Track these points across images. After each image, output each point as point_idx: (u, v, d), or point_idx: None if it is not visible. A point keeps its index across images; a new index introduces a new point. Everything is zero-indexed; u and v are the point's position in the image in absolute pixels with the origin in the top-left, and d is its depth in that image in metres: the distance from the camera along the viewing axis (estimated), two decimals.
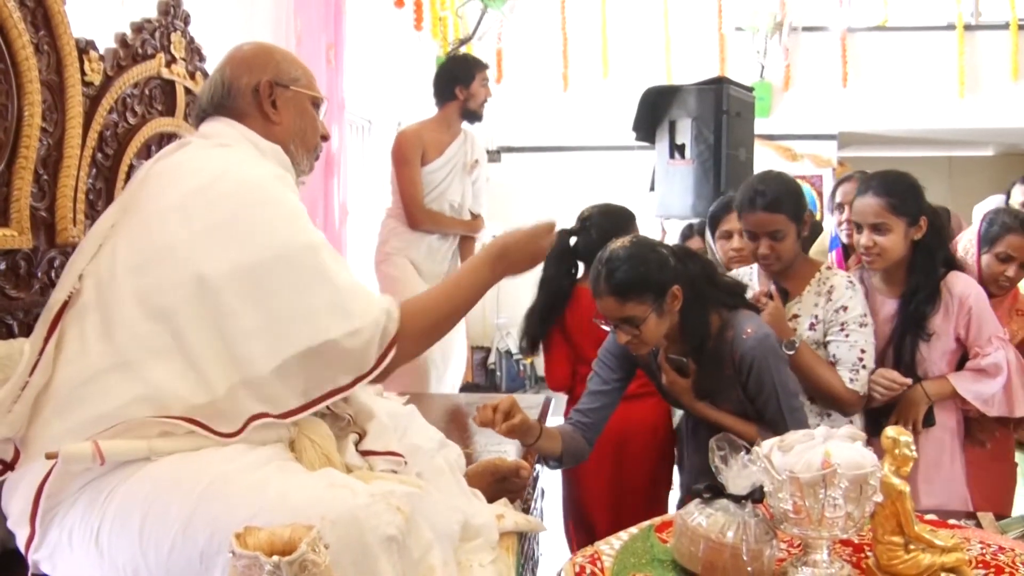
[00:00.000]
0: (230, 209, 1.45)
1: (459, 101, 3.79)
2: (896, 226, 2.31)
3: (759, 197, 2.29)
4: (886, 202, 2.32)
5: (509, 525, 1.70)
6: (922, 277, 2.35)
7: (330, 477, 1.33)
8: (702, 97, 4.50)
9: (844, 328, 2.27)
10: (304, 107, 1.69)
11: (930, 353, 2.36)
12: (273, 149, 1.62)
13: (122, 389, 1.36)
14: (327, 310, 1.42)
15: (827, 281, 2.33)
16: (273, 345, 1.39)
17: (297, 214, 1.50)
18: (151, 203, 1.49)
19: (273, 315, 1.39)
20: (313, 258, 1.44)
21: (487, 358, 7.79)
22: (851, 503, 1.37)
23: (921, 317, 2.34)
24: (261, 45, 1.72)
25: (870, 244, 2.33)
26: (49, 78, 1.81)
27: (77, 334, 1.41)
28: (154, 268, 1.42)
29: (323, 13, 3.66)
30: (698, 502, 1.47)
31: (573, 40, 7.36)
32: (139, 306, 1.40)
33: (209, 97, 1.65)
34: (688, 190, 4.62)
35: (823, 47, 7.13)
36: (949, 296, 2.35)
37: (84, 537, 1.31)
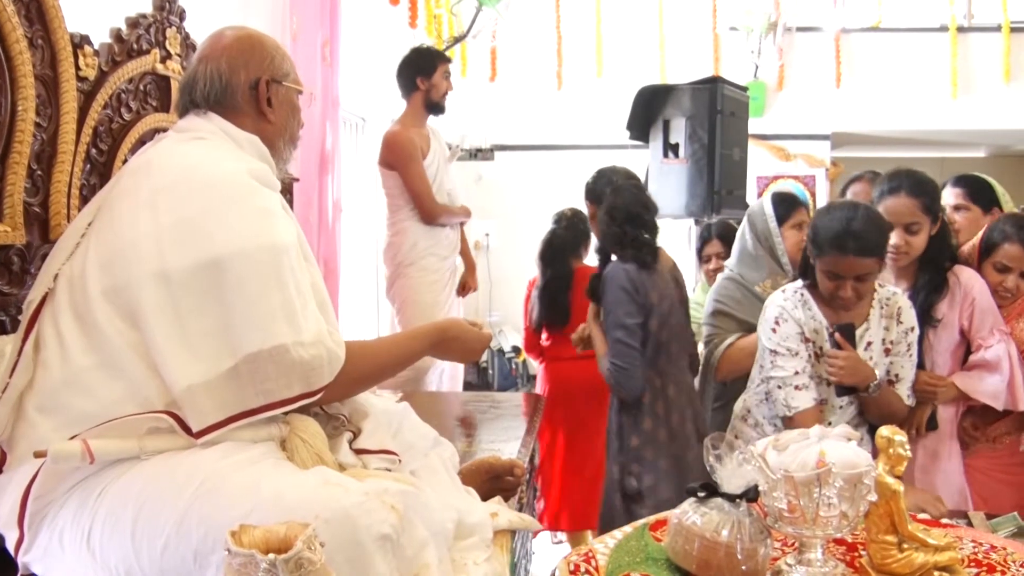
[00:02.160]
0: (197, 205, 1.41)
1: (421, 92, 3.83)
2: (925, 225, 2.38)
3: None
4: (920, 203, 2.36)
5: (503, 523, 1.70)
6: (933, 269, 2.42)
7: (324, 475, 1.32)
8: (696, 96, 4.51)
9: (910, 348, 2.30)
10: (293, 102, 1.68)
11: (937, 342, 2.42)
12: (250, 140, 1.58)
13: (105, 387, 1.34)
14: (281, 315, 1.37)
15: (890, 302, 2.30)
16: (228, 345, 1.35)
17: (265, 213, 1.45)
18: (122, 201, 1.47)
19: (229, 315, 1.36)
20: (273, 260, 1.40)
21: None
22: (845, 502, 1.37)
23: (929, 305, 2.40)
24: (249, 34, 1.66)
25: (901, 243, 2.38)
26: (43, 73, 1.81)
27: (54, 333, 1.40)
28: (120, 266, 1.40)
29: (318, 10, 3.64)
30: (693, 501, 1.47)
31: (567, 39, 7.35)
32: (109, 304, 1.38)
33: (204, 92, 1.59)
34: (682, 189, 4.62)
35: (817, 47, 7.14)
36: (956, 285, 2.41)
37: (75, 538, 1.30)
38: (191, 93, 1.61)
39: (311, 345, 1.38)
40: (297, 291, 1.41)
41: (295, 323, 1.38)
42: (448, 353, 1.74)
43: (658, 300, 2.80)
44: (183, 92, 1.63)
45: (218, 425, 1.34)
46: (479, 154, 7.75)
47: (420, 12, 5.74)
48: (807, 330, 2.28)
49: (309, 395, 1.40)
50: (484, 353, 1.77)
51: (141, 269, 1.37)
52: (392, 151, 3.77)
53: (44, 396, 1.36)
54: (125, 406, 1.34)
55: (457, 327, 1.72)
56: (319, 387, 1.41)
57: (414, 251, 3.82)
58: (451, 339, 1.69)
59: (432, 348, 1.68)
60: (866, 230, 2.14)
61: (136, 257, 1.38)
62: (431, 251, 3.84)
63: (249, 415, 1.36)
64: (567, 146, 7.45)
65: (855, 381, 2.22)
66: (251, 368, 1.35)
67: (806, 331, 2.28)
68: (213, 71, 1.60)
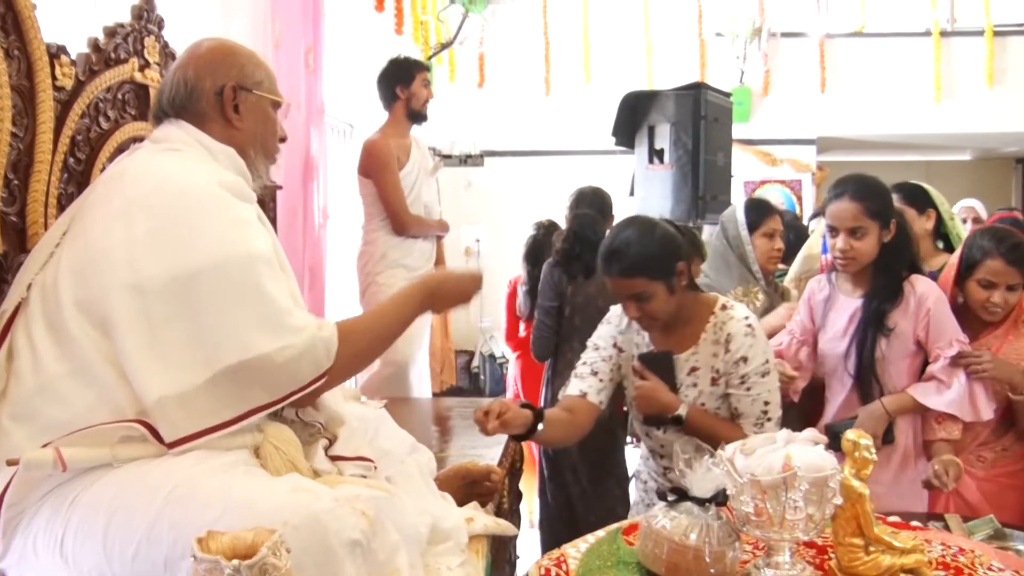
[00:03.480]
0: (170, 216, 1.42)
1: (402, 101, 3.85)
2: (871, 230, 2.36)
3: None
4: (863, 207, 2.35)
5: (479, 528, 1.72)
6: (887, 277, 2.40)
7: (294, 482, 1.33)
8: (680, 102, 4.54)
9: (745, 381, 2.12)
10: (266, 112, 1.67)
11: (890, 351, 2.39)
12: (224, 151, 1.59)
13: (78, 395, 1.35)
14: (257, 325, 1.38)
15: (723, 327, 2.14)
16: (203, 357, 1.36)
17: (239, 223, 1.46)
18: (95, 210, 1.48)
19: (203, 327, 1.37)
20: (248, 270, 1.40)
21: (471, 362, 7.78)
22: (812, 505, 1.39)
23: (882, 313, 2.38)
24: (223, 44, 1.68)
25: (847, 248, 2.37)
26: (19, 83, 1.81)
27: (27, 343, 1.40)
28: (93, 275, 1.40)
29: (301, 17, 3.65)
30: (663, 505, 1.48)
31: (555, 45, 7.38)
32: (82, 313, 1.39)
33: (170, 98, 1.61)
34: (667, 195, 4.65)
35: (802, 53, 7.18)
36: (911, 294, 2.39)
37: (48, 545, 1.31)
38: (160, 100, 1.63)
39: (302, 344, 1.40)
40: (280, 296, 1.42)
41: (279, 328, 1.39)
42: (442, 303, 1.75)
43: (572, 294, 3.48)
44: (155, 100, 1.65)
45: (191, 437, 1.35)
46: (468, 160, 7.76)
47: (406, 19, 5.76)
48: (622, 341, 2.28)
49: (301, 390, 1.43)
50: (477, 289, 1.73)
51: (113, 279, 1.38)
52: (368, 159, 3.79)
53: (18, 405, 1.37)
54: (97, 414, 1.35)
55: (440, 276, 1.73)
56: (311, 379, 1.43)
57: (383, 261, 3.82)
58: (438, 287, 1.70)
59: (423, 305, 1.68)
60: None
61: (109, 267, 1.39)
62: (400, 262, 3.82)
63: (226, 425, 1.37)
64: (556, 152, 7.47)
65: (651, 410, 2.15)
66: (233, 379, 1.36)
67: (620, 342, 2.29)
68: (180, 78, 1.61)
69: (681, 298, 2.13)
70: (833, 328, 2.50)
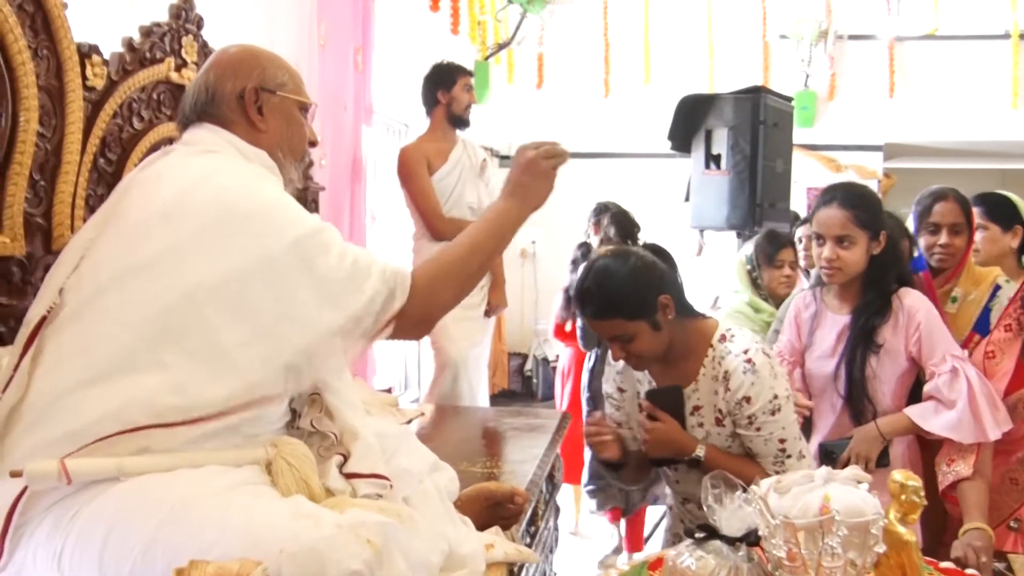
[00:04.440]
0: (211, 215, 1.40)
1: (442, 105, 3.81)
2: (860, 239, 2.26)
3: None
4: (852, 215, 2.25)
5: (499, 555, 1.64)
6: (875, 292, 2.29)
7: (296, 506, 1.27)
8: (739, 106, 4.40)
9: (753, 422, 1.93)
10: (291, 113, 1.64)
11: (880, 369, 2.27)
12: (258, 154, 1.57)
13: (93, 406, 1.31)
14: (316, 306, 1.40)
15: (721, 363, 1.96)
16: (268, 351, 1.37)
17: (281, 208, 1.45)
18: (132, 214, 1.44)
19: (261, 323, 1.37)
20: (296, 257, 1.40)
21: (524, 365, 7.73)
22: (853, 550, 1.28)
23: (871, 329, 2.26)
24: (247, 48, 1.66)
25: (833, 257, 2.26)
26: (48, 83, 1.79)
27: (54, 349, 1.37)
28: (136, 280, 1.37)
29: (349, 17, 3.62)
30: (689, 542, 1.39)
31: (615, 46, 7.27)
32: (120, 320, 1.35)
33: (192, 103, 1.59)
34: (723, 201, 4.52)
35: (870, 56, 6.97)
36: (899, 308, 2.27)
37: (47, 558, 1.27)
38: (184, 106, 1.62)
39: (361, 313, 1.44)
40: (329, 270, 1.42)
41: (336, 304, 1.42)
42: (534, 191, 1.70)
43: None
44: (180, 105, 1.63)
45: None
46: None
47: (463, 18, 5.71)
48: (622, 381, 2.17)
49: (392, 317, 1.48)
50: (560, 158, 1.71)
51: (160, 284, 1.35)
52: (399, 167, 3.77)
53: (33, 413, 1.34)
54: (109, 426, 1.31)
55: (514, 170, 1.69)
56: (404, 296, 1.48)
57: None
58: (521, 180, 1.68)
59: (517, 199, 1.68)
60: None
61: (153, 272, 1.36)
62: None
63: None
64: (614, 154, 7.38)
65: (666, 453, 2.01)
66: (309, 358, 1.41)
67: (620, 382, 2.18)
68: (202, 83, 1.60)
69: (673, 331, 1.96)
70: (821, 347, 2.38)
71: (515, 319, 7.33)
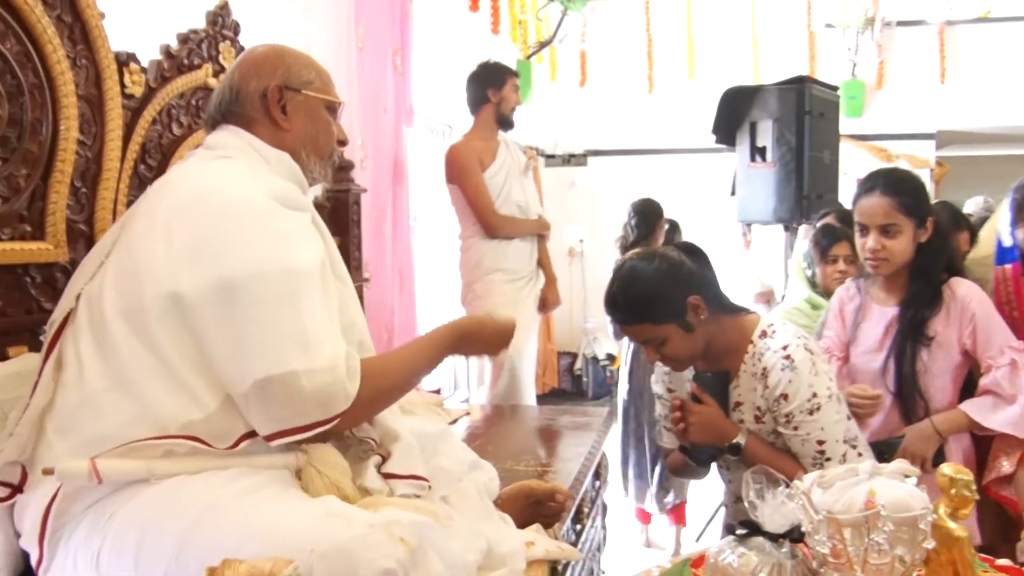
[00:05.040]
0: (211, 227, 1.38)
1: (492, 104, 3.78)
2: (906, 228, 2.15)
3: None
4: (897, 201, 2.14)
5: (539, 553, 1.62)
6: (924, 282, 2.18)
7: (327, 506, 1.26)
8: (783, 97, 4.33)
9: (791, 420, 1.87)
10: (317, 112, 1.62)
11: (932, 363, 2.16)
12: (279, 157, 1.55)
13: (118, 409, 1.33)
14: (292, 340, 1.33)
15: (760, 359, 1.91)
16: (241, 370, 1.32)
17: (282, 235, 1.40)
18: (141, 220, 1.45)
19: (242, 339, 1.32)
20: (288, 284, 1.35)
21: (573, 364, 7.70)
22: (901, 547, 1.24)
23: (920, 321, 2.16)
24: (274, 47, 1.64)
25: (877, 247, 2.16)
26: (88, 92, 1.82)
27: (74, 354, 1.39)
28: (135, 286, 1.37)
29: (387, 19, 3.64)
30: (731, 539, 1.36)
31: (658, 41, 7.21)
32: (125, 325, 1.36)
33: (218, 102, 1.59)
34: (770, 194, 4.45)
35: (919, 42, 6.80)
36: (952, 299, 2.16)
37: (87, 560, 1.29)
38: (209, 107, 1.62)
39: (325, 372, 1.33)
40: (312, 316, 1.36)
41: (308, 349, 1.33)
42: (470, 350, 1.66)
43: None
44: (208, 106, 1.63)
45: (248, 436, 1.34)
46: (572, 160, 7.69)
47: (503, 18, 5.70)
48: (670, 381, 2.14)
49: (324, 423, 1.35)
50: (509, 341, 1.66)
51: (155, 291, 1.35)
52: (450, 165, 3.74)
53: (62, 417, 1.36)
54: (137, 428, 1.32)
55: (475, 323, 1.65)
56: (334, 415, 1.35)
57: (479, 269, 3.76)
58: (468, 335, 1.62)
59: (450, 350, 1.60)
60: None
61: (150, 278, 1.36)
62: (497, 267, 3.75)
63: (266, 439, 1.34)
64: (660, 150, 7.33)
65: (707, 438, 1.96)
66: (260, 395, 1.31)
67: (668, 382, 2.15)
68: (227, 83, 1.59)
69: (709, 330, 1.92)
70: (867, 341, 2.27)
71: (564, 318, 7.31)
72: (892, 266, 2.18)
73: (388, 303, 3.75)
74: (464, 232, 3.83)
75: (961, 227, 3.39)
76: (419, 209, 4.56)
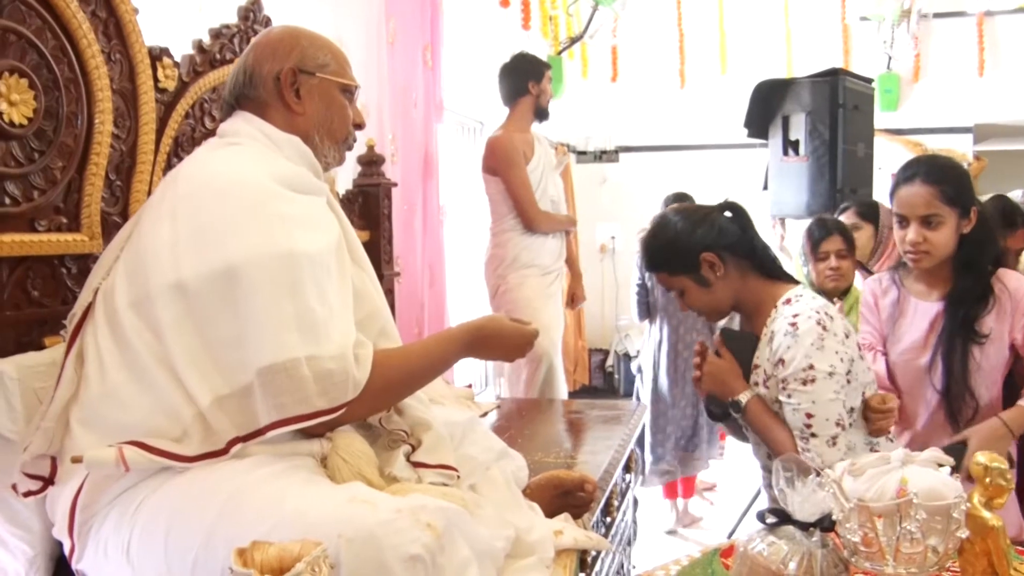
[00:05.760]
0: (213, 214, 1.37)
1: (532, 96, 3.78)
2: (948, 218, 2.05)
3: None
4: (938, 191, 2.04)
5: (568, 542, 1.62)
6: (972, 276, 2.07)
7: (353, 491, 1.26)
8: (816, 90, 4.29)
9: (785, 387, 1.89)
10: (332, 95, 1.59)
11: (984, 360, 2.07)
12: (290, 141, 1.53)
13: (137, 400, 1.34)
14: (293, 325, 1.31)
15: (773, 323, 1.94)
16: (244, 358, 1.31)
17: (285, 218, 1.39)
18: (149, 211, 1.46)
19: (244, 325, 1.31)
20: (288, 268, 1.34)
21: (605, 361, 7.68)
22: (934, 536, 1.23)
23: (973, 318, 2.05)
24: (289, 29, 1.62)
25: (919, 239, 2.06)
26: (122, 86, 1.85)
27: (93, 347, 1.40)
28: (142, 276, 1.38)
29: (418, 15, 3.65)
30: (761, 528, 1.34)
31: (690, 35, 7.16)
32: (136, 316, 1.37)
33: (232, 86, 1.58)
34: (803, 188, 4.42)
35: (957, 33, 6.68)
36: (1003, 292, 2.06)
37: (117, 549, 1.30)
38: (224, 92, 1.61)
39: (331, 359, 1.32)
40: (321, 300, 1.35)
41: (313, 335, 1.32)
42: (486, 353, 1.64)
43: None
44: (223, 89, 1.63)
45: (237, 440, 1.32)
46: (604, 156, 7.67)
47: (533, 13, 5.70)
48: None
49: (329, 411, 1.34)
50: (527, 351, 1.64)
51: (159, 280, 1.35)
52: (495, 156, 3.72)
53: (85, 409, 1.37)
54: (156, 419, 1.33)
55: (494, 324, 1.61)
56: (340, 404, 1.34)
57: (516, 263, 3.74)
58: (488, 338, 1.58)
59: (467, 349, 1.57)
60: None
61: (156, 268, 1.36)
62: (532, 263, 3.75)
63: (261, 432, 1.32)
64: (692, 146, 7.29)
65: (715, 389, 2.00)
66: (264, 382, 1.30)
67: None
68: (241, 65, 1.58)
69: (734, 287, 1.98)
70: (909, 337, 2.17)
71: (595, 315, 7.29)
72: (934, 259, 2.09)
73: (418, 296, 3.76)
74: (499, 225, 3.81)
75: (1017, 224, 3.29)
76: (449, 204, 4.57)
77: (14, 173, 1.59)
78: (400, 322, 2.44)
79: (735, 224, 2.00)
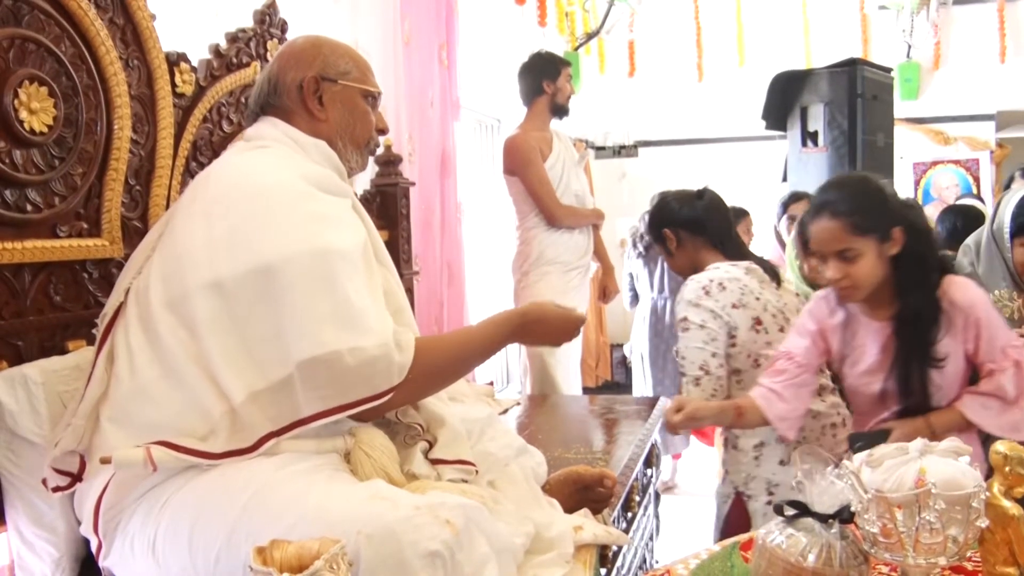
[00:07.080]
0: (247, 214, 1.40)
1: (547, 95, 3.78)
2: (865, 248, 1.92)
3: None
4: (848, 223, 1.92)
5: (588, 537, 1.62)
6: (917, 296, 1.95)
7: (374, 489, 1.28)
8: (834, 81, 4.27)
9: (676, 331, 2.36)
10: (354, 102, 1.63)
11: (943, 379, 1.96)
12: (316, 144, 1.57)
13: (168, 398, 1.36)
14: (331, 320, 1.34)
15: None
16: (280, 354, 1.34)
17: (318, 217, 1.42)
18: (181, 212, 1.49)
19: (281, 322, 1.34)
20: (323, 264, 1.37)
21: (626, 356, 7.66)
22: (955, 526, 1.22)
23: (930, 342, 1.94)
24: (311, 39, 1.66)
25: (839, 276, 1.95)
26: (140, 92, 1.87)
27: (124, 346, 1.42)
28: (177, 277, 1.41)
29: (433, 14, 3.66)
30: (779, 520, 1.34)
31: (707, 29, 7.12)
32: (171, 315, 1.40)
33: (257, 95, 1.62)
34: (822, 179, 4.32)
35: (978, 20, 6.60)
36: (951, 308, 1.95)
37: (143, 546, 1.32)
38: (250, 100, 1.65)
39: (371, 348, 1.34)
40: (356, 294, 1.38)
41: (352, 327, 1.35)
42: (532, 338, 1.65)
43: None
44: (249, 99, 1.66)
45: (271, 436, 1.33)
46: (623, 151, 7.64)
47: (549, 10, 5.70)
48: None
49: (375, 398, 1.37)
50: (575, 335, 1.65)
51: (196, 279, 1.38)
52: (510, 156, 3.74)
53: (116, 407, 1.39)
54: (187, 417, 1.35)
55: (539, 310, 1.63)
56: (385, 389, 1.37)
57: (540, 260, 3.75)
58: (533, 322, 1.60)
59: (513, 335, 1.60)
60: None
61: (192, 268, 1.39)
62: (557, 259, 3.76)
63: (302, 423, 1.35)
64: (711, 139, 7.25)
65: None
66: (304, 375, 1.33)
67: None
68: (266, 76, 1.62)
69: (690, 257, 2.47)
70: (864, 361, 2.04)
71: (617, 310, 7.27)
72: (864, 290, 1.97)
73: (437, 295, 3.77)
74: (524, 223, 3.82)
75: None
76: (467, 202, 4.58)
77: (35, 180, 1.62)
78: (419, 321, 2.46)
79: (704, 208, 2.47)
